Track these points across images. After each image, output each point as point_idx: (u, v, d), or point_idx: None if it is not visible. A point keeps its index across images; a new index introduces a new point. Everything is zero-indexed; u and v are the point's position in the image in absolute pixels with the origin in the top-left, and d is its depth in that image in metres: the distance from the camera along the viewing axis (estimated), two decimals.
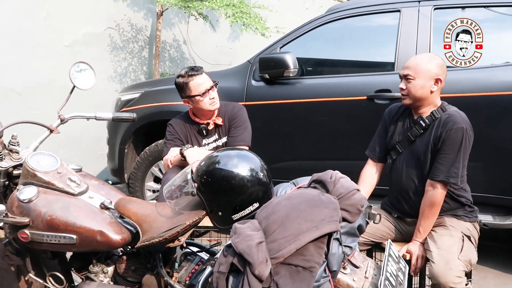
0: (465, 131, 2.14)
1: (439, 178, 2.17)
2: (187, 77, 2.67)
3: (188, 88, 2.67)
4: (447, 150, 2.16)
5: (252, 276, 1.34)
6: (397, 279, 1.65)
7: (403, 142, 2.35)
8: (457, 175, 2.15)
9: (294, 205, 1.46)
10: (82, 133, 5.06)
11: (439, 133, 2.18)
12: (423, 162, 2.25)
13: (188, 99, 2.71)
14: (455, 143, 2.14)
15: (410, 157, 2.32)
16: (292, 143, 3.58)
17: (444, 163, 2.16)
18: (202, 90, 2.64)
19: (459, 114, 2.19)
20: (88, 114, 2.23)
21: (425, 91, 2.23)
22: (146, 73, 5.92)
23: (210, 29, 6.06)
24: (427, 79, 2.22)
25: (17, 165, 1.91)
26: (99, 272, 1.90)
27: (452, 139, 2.14)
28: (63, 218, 1.74)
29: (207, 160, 1.68)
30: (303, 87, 3.54)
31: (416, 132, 2.28)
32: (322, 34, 3.66)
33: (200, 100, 2.66)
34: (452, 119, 2.17)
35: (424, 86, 2.22)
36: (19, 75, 4.82)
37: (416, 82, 2.23)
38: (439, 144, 2.18)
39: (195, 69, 2.69)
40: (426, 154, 2.23)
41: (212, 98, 2.69)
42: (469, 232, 2.22)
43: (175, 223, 1.67)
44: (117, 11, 5.58)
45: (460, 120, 2.16)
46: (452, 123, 2.15)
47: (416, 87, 2.23)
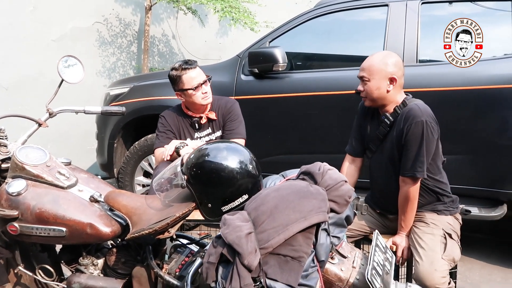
0: (424, 123, 2.10)
1: (407, 173, 2.16)
2: (180, 70, 2.67)
3: (181, 81, 2.67)
4: (409, 145, 2.14)
5: (241, 266, 1.35)
6: (384, 269, 1.67)
7: (374, 141, 2.35)
8: (422, 169, 2.13)
9: (282, 196, 1.48)
10: (71, 128, 5.03)
11: (401, 128, 2.17)
12: (393, 159, 2.25)
13: (180, 92, 2.71)
14: (416, 137, 2.12)
15: (382, 156, 2.32)
16: (282, 137, 3.59)
17: (408, 158, 2.15)
18: (195, 84, 2.65)
19: (418, 107, 2.15)
20: (77, 108, 2.23)
21: (381, 91, 2.22)
22: (135, 68, 5.90)
23: (199, 24, 6.05)
24: (382, 79, 2.20)
25: (5, 158, 1.91)
26: (89, 264, 1.90)
27: (413, 134, 2.12)
28: (53, 211, 1.75)
29: (196, 153, 1.69)
30: (292, 81, 3.56)
31: (383, 131, 2.28)
32: (311, 28, 3.67)
33: (192, 94, 2.67)
34: (412, 113, 2.14)
35: (379, 86, 2.21)
36: (5, 70, 4.78)
37: (371, 83, 2.22)
38: (403, 140, 2.16)
39: (189, 62, 2.69)
40: (393, 151, 2.23)
41: (205, 93, 2.69)
42: (451, 228, 2.23)
43: (165, 215, 1.68)
44: (105, 5, 5.55)
45: (419, 113, 2.12)
46: (411, 117, 2.12)
47: (372, 88, 2.22)
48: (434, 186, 2.26)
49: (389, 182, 2.29)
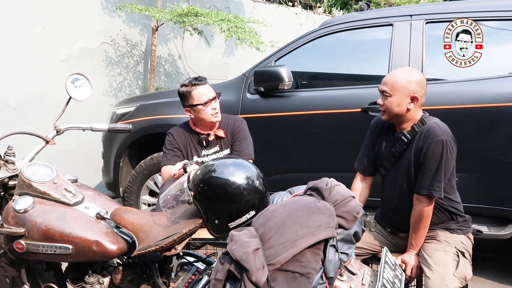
0: (445, 143, 2.10)
1: (423, 192, 2.14)
2: (190, 86, 2.68)
3: (191, 97, 2.68)
4: (428, 164, 2.13)
5: (249, 282, 1.34)
6: (394, 286, 1.65)
7: (390, 159, 2.33)
8: (439, 188, 2.12)
9: (290, 211, 1.47)
10: (77, 147, 5.04)
11: (420, 147, 2.15)
12: (409, 177, 2.23)
13: (190, 108, 2.72)
14: (435, 156, 2.11)
15: (397, 173, 2.30)
16: (287, 155, 3.59)
17: (426, 177, 2.14)
18: (205, 99, 2.66)
19: (439, 126, 2.15)
20: (84, 125, 2.24)
21: (402, 108, 2.19)
22: (141, 88, 5.94)
23: (205, 44, 6.10)
24: (403, 97, 2.18)
25: (13, 175, 1.91)
26: (95, 283, 1.89)
27: (432, 152, 2.11)
28: (59, 228, 1.74)
29: (203, 169, 1.69)
30: (298, 100, 3.57)
31: (400, 148, 2.26)
32: (316, 47, 3.70)
33: (202, 109, 2.67)
34: (432, 132, 2.13)
35: (400, 103, 2.18)
36: (13, 89, 4.81)
37: (392, 99, 2.20)
38: (421, 158, 2.15)
39: (199, 79, 2.71)
40: (410, 169, 2.22)
41: (214, 109, 2.70)
42: (463, 247, 2.20)
43: (172, 232, 1.67)
44: (113, 26, 5.61)
45: (440, 132, 2.12)
46: (432, 136, 2.12)
47: (393, 104, 2.20)
48: (448, 206, 2.24)
49: (403, 200, 2.27)
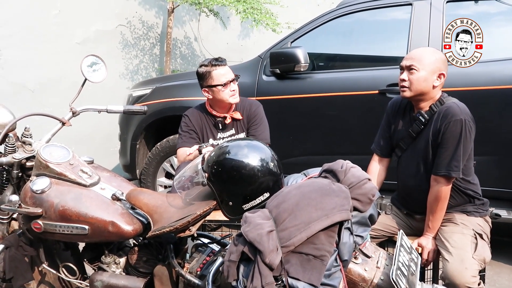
0: (463, 122, 2.07)
1: (441, 172, 2.12)
2: (210, 66, 2.67)
3: (211, 77, 2.66)
4: (446, 144, 2.10)
5: (263, 264, 1.34)
6: (409, 269, 1.63)
7: (406, 139, 2.30)
8: (458, 168, 2.09)
9: (304, 193, 1.46)
10: (94, 130, 5.09)
11: (438, 126, 2.13)
12: (426, 158, 2.21)
13: (208, 88, 2.70)
14: (454, 136, 2.08)
15: (414, 154, 2.27)
16: (303, 138, 3.57)
17: (444, 157, 2.11)
18: (224, 80, 2.64)
19: (457, 106, 2.12)
20: (99, 107, 2.25)
21: (428, 84, 2.16)
22: (157, 70, 5.95)
23: (221, 26, 6.06)
24: (431, 73, 2.15)
25: (30, 156, 1.93)
26: (111, 263, 1.91)
27: (451, 132, 2.08)
28: (75, 209, 1.76)
29: (217, 150, 1.68)
30: (314, 82, 3.53)
31: (417, 128, 2.23)
32: (333, 28, 3.64)
33: (221, 90, 2.65)
34: (451, 111, 2.10)
35: (427, 79, 2.15)
36: (31, 72, 4.87)
37: (420, 74, 2.16)
38: (439, 138, 2.12)
39: (219, 59, 2.69)
40: (428, 149, 2.19)
41: (233, 90, 2.68)
42: (481, 229, 2.18)
43: (186, 213, 1.67)
44: (129, 8, 5.61)
45: (459, 111, 2.09)
46: (450, 115, 2.09)
47: (420, 79, 2.16)
48: (466, 188, 2.21)
49: (419, 181, 2.24)
